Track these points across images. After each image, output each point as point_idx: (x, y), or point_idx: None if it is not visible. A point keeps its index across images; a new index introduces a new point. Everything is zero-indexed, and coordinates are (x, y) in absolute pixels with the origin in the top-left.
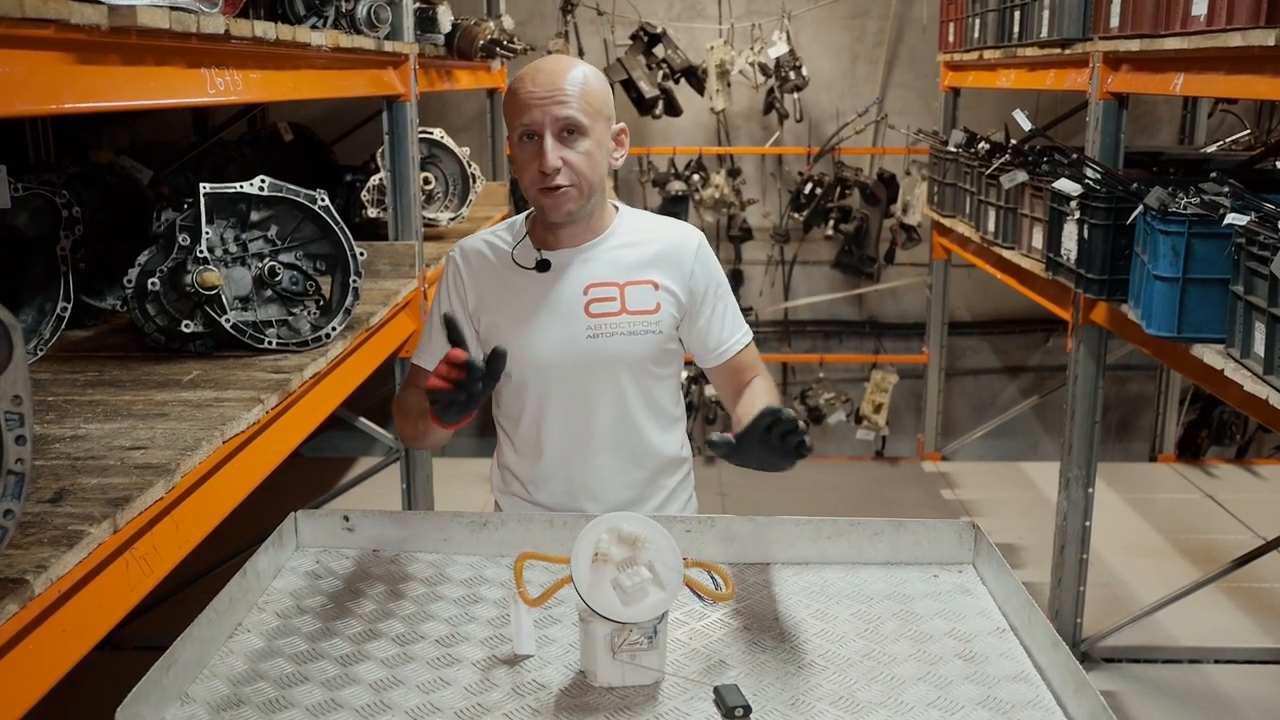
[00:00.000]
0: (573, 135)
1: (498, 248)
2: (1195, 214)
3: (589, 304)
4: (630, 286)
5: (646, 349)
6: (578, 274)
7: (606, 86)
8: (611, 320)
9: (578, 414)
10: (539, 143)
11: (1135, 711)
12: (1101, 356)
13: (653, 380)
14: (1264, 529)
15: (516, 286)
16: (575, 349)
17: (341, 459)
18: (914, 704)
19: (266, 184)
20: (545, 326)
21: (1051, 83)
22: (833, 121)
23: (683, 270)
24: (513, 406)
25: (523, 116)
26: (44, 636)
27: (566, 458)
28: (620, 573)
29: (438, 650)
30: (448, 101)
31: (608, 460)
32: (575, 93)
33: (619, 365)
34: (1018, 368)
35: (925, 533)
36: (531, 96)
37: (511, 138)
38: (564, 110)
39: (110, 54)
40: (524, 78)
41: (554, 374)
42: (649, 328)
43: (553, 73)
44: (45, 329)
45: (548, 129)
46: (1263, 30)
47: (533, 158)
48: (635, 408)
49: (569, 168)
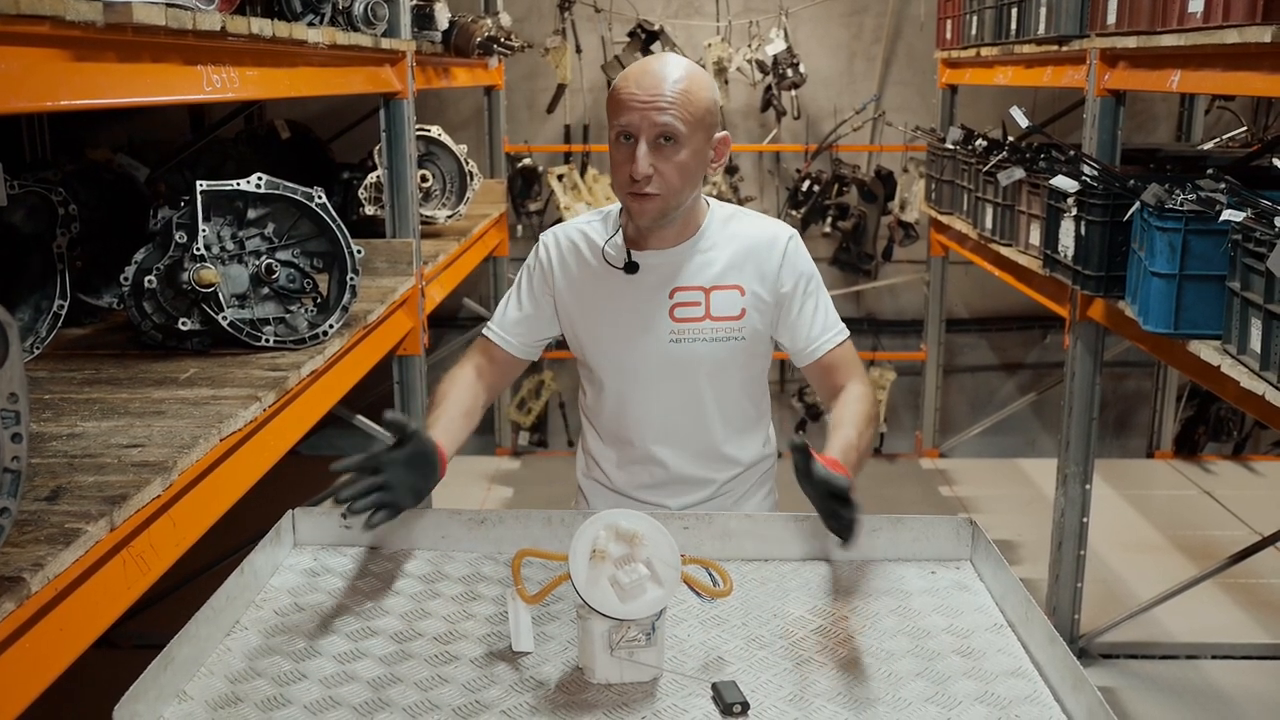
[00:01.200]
0: (669, 143)
1: (591, 240)
2: (1192, 211)
3: (674, 308)
4: (716, 291)
5: (729, 354)
6: (665, 277)
7: (713, 94)
8: (695, 325)
9: (656, 414)
10: (633, 146)
11: (1133, 707)
12: (1099, 353)
13: (735, 384)
14: (1261, 525)
15: (604, 284)
16: (657, 352)
17: (339, 457)
18: (912, 700)
19: (263, 181)
20: (629, 328)
21: (1049, 80)
22: (830, 119)
23: (769, 271)
24: (596, 401)
25: (621, 117)
26: (41, 634)
27: (646, 453)
28: (618, 569)
29: (436, 647)
30: (445, 99)
31: (685, 459)
32: (677, 100)
33: (700, 370)
34: (1015, 365)
35: (923, 529)
36: (633, 98)
37: (610, 133)
38: (662, 117)
39: (106, 51)
40: (629, 76)
41: (635, 375)
42: (732, 334)
43: (658, 75)
44: (42, 327)
45: (644, 134)
46: (1259, 27)
47: (626, 159)
48: (714, 411)
49: (660, 176)
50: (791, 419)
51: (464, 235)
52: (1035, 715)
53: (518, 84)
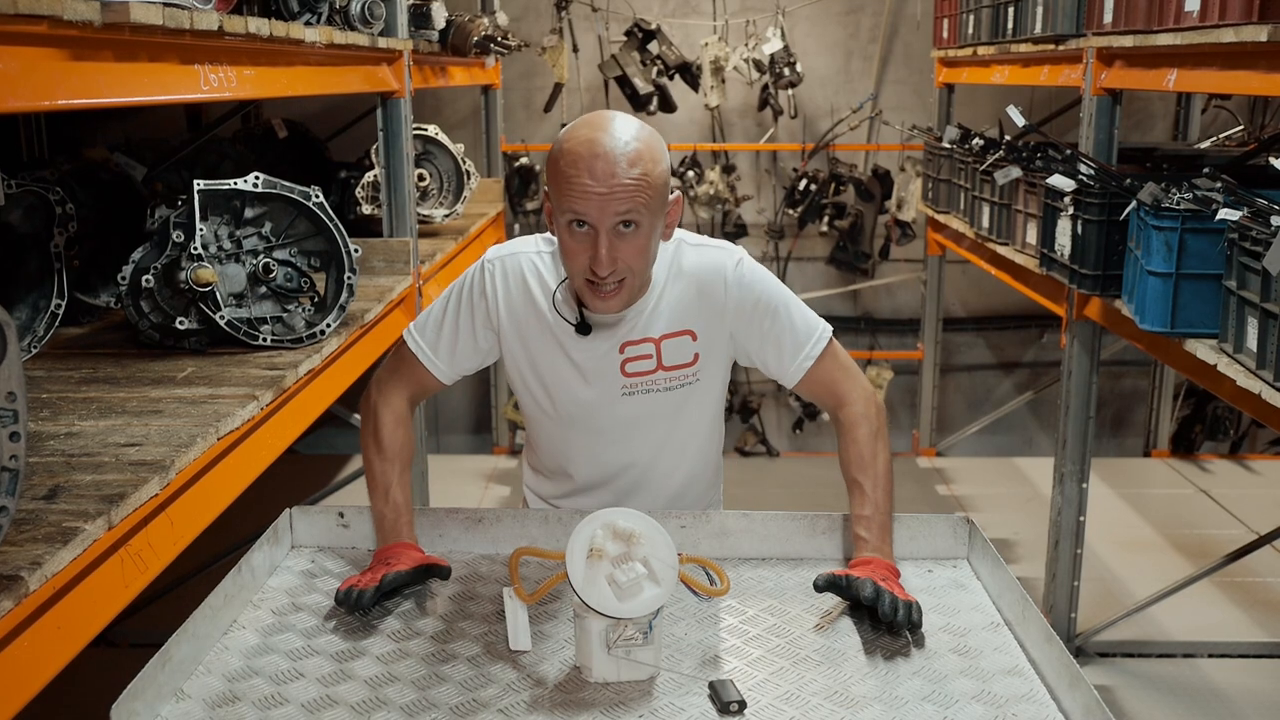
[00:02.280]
0: (629, 229)
1: (542, 280)
2: (1188, 209)
3: (625, 363)
4: (667, 340)
5: (683, 400)
6: (617, 333)
7: (667, 160)
8: (647, 379)
9: (604, 461)
10: (591, 236)
11: (1129, 705)
12: (1095, 352)
13: (690, 420)
14: (1257, 524)
15: (553, 335)
16: (607, 406)
17: (336, 456)
18: (908, 698)
19: (261, 180)
20: (579, 382)
21: (1045, 79)
22: (827, 118)
23: (718, 308)
24: (542, 449)
25: (575, 204)
26: (39, 633)
27: (593, 494)
28: (615, 568)
29: (433, 646)
30: (442, 98)
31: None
32: (638, 185)
33: (652, 418)
34: (1012, 363)
35: (920, 528)
36: (587, 190)
37: (556, 217)
38: (622, 206)
39: (103, 50)
40: (579, 162)
41: (584, 428)
42: (686, 379)
43: (610, 158)
44: (39, 326)
45: (602, 226)
46: (1255, 26)
47: (582, 248)
48: (668, 450)
49: (623, 263)
50: (789, 417)
51: (461, 234)
52: (1032, 713)
53: (515, 83)
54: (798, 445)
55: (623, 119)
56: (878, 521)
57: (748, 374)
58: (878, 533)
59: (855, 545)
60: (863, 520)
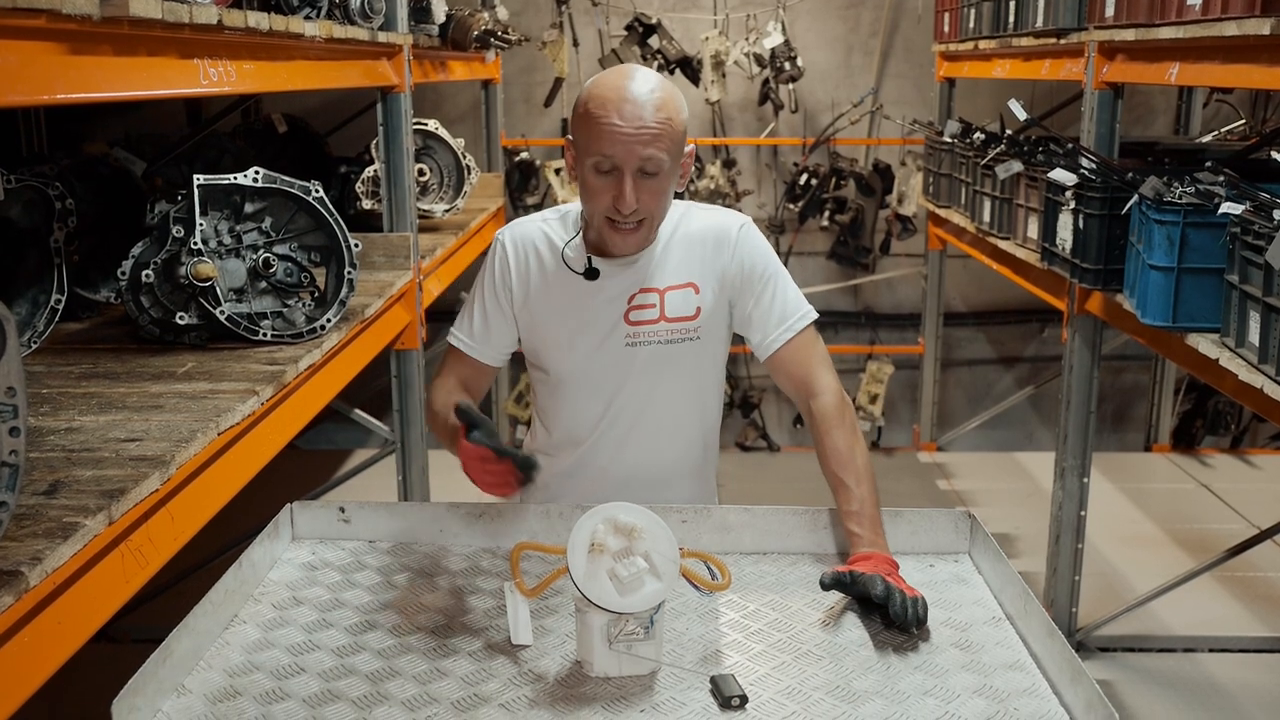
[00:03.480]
0: (651, 174)
1: (550, 240)
2: (1190, 203)
3: (629, 311)
4: (670, 292)
5: (683, 355)
6: (623, 281)
7: (685, 111)
8: (650, 328)
9: (610, 414)
10: (617, 179)
11: (1130, 700)
12: (1097, 346)
13: (690, 383)
14: (1258, 518)
15: (561, 287)
16: (612, 356)
17: (337, 451)
18: (910, 692)
19: (260, 175)
20: (585, 332)
21: (1047, 73)
22: (828, 112)
23: (721, 266)
24: (548, 404)
25: (603, 148)
26: (40, 629)
27: (597, 450)
28: (617, 563)
29: (434, 641)
30: (442, 93)
31: (635, 458)
32: (662, 131)
33: (655, 372)
34: (1013, 358)
35: (921, 522)
36: (616, 130)
37: (581, 159)
38: (648, 150)
39: (102, 44)
40: (607, 103)
41: (589, 378)
42: (687, 334)
43: (638, 103)
44: (39, 321)
45: (629, 169)
46: (1258, 19)
47: (606, 189)
48: (668, 409)
49: (643, 207)
50: (789, 412)
51: (461, 229)
52: (1033, 708)
53: (515, 78)
54: (798, 440)
55: (646, 71)
56: (868, 515)
57: (748, 368)
58: (870, 526)
59: (850, 541)
60: (853, 516)
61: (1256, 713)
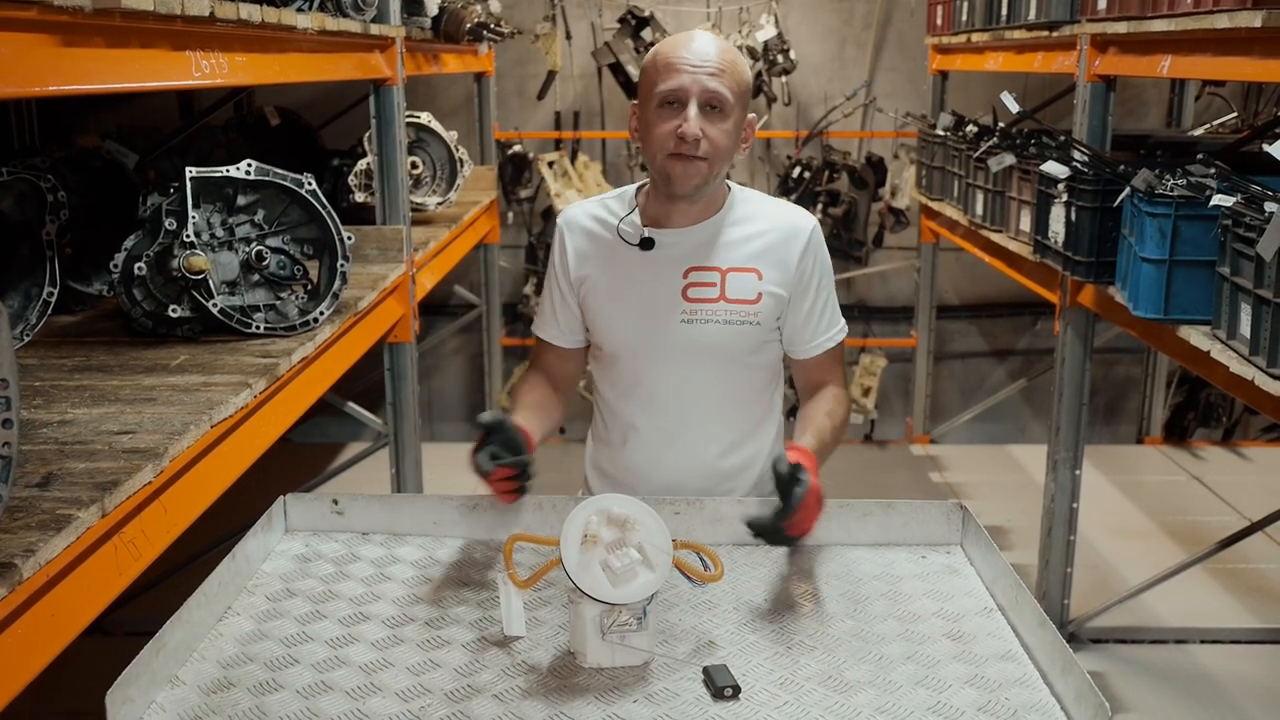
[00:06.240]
0: (715, 111)
1: (604, 218)
2: (1182, 196)
3: (687, 288)
4: (733, 273)
5: (742, 339)
6: (680, 256)
7: (750, 73)
8: (709, 307)
9: (663, 397)
10: (680, 110)
11: (1121, 691)
12: (1089, 339)
13: (746, 374)
14: (1250, 510)
15: (617, 260)
16: (668, 332)
17: (330, 444)
18: (902, 683)
19: (253, 168)
20: (641, 306)
21: (1039, 65)
22: (821, 105)
23: (790, 261)
24: (604, 380)
25: (670, 81)
26: (33, 621)
27: (650, 438)
28: (609, 554)
29: (427, 632)
30: (435, 85)
31: (688, 446)
32: (727, 68)
33: (710, 354)
34: (1005, 351)
35: (913, 514)
36: (683, 62)
37: (645, 105)
38: (713, 83)
39: (94, 36)
40: (676, 43)
41: (645, 355)
42: (747, 318)
43: (705, 43)
44: (31, 314)
45: (694, 97)
46: (1250, 12)
47: (669, 120)
48: (723, 400)
49: (708, 141)
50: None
51: (454, 222)
52: (1025, 698)
53: (508, 70)
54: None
55: (712, 34)
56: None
57: None
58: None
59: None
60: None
61: (1247, 704)
